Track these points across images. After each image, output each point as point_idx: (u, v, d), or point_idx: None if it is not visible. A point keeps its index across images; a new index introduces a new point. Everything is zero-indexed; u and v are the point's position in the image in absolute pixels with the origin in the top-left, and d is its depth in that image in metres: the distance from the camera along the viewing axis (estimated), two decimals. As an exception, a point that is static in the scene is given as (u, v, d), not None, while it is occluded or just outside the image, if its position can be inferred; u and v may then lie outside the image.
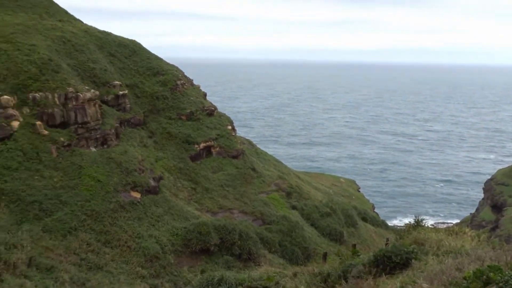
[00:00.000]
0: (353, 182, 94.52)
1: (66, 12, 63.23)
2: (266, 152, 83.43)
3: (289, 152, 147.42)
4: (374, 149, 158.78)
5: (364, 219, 67.23)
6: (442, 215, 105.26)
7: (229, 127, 63.80)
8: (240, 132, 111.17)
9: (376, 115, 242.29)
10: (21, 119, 40.90)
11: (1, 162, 37.27)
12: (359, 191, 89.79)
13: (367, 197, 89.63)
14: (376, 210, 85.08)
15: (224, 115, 67.56)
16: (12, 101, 41.37)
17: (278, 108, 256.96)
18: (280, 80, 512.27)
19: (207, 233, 41.03)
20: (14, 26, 49.43)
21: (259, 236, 46.12)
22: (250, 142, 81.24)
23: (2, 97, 40.81)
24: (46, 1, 60.94)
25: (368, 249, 55.56)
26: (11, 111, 40.78)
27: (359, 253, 14.03)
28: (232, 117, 72.21)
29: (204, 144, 58.29)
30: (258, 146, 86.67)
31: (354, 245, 16.63)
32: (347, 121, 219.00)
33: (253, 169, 60.65)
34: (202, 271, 38.59)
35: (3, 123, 39.60)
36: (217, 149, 59.48)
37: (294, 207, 58.35)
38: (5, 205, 35.04)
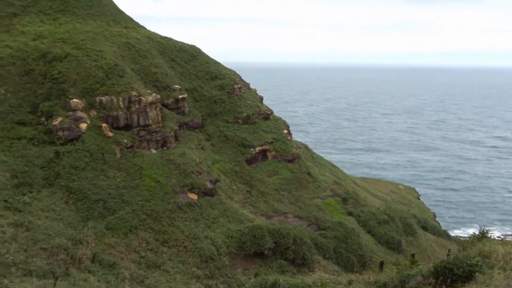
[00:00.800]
0: (413, 189, 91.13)
1: (131, 20, 66.26)
2: (322, 157, 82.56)
3: (346, 157, 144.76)
4: (436, 156, 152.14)
5: (424, 228, 64.59)
6: (510, 227, 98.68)
7: (285, 131, 63.79)
8: (296, 136, 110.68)
9: (438, 121, 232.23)
10: (88, 122, 43.28)
11: (70, 162, 39.61)
12: (419, 199, 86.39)
13: (427, 206, 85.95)
14: (437, 219, 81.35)
15: (280, 119, 67.68)
16: (81, 104, 43.93)
17: (335, 113, 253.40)
18: (338, 84, 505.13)
19: (261, 237, 41.19)
20: (84, 33, 52.48)
21: (313, 241, 45.64)
22: (306, 147, 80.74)
23: (72, 101, 43.45)
24: (113, 9, 64.19)
25: (428, 260, 53.29)
26: (80, 113, 43.30)
27: (418, 263, 13.45)
28: (288, 121, 72.15)
29: (260, 148, 58.67)
30: (314, 150, 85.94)
31: (412, 255, 15.99)
32: (407, 127, 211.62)
33: (309, 174, 60.19)
34: (256, 275, 38.79)
35: (72, 125, 42.11)
36: (273, 153, 59.65)
37: (350, 214, 57.22)
38: (72, 202, 37.18)
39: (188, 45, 68.83)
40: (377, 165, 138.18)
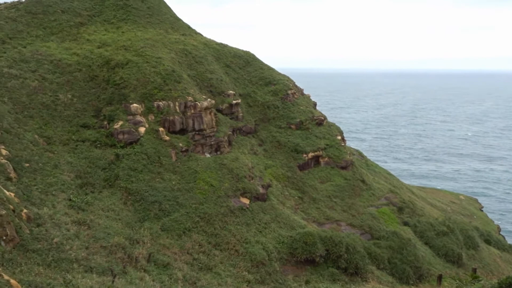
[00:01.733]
0: (475, 200, 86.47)
1: (188, 27, 68.22)
2: (376, 164, 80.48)
3: (402, 165, 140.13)
4: (501, 166, 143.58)
5: (487, 242, 61.05)
6: None
7: (339, 137, 62.86)
8: (350, 142, 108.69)
9: (505, 129, 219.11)
10: (147, 126, 44.96)
11: (129, 164, 41.29)
12: (482, 211, 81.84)
13: (491, 218, 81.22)
14: (502, 233, 76.62)
15: (333, 125, 66.81)
16: (140, 108, 45.75)
17: (392, 119, 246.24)
18: (395, 90, 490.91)
19: (313, 244, 40.74)
20: (145, 41, 54.70)
21: (367, 250, 44.50)
22: (360, 153, 79.10)
23: (132, 105, 45.35)
24: (172, 17, 66.43)
25: (491, 275, 50.34)
26: (139, 118, 45.09)
27: (480, 278, 12.76)
28: (342, 127, 71.11)
29: (313, 154, 58.20)
30: (369, 157, 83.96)
31: (474, 269, 15.19)
32: (469, 135, 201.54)
33: (363, 181, 58.88)
34: (307, 282, 38.41)
35: (132, 129, 43.92)
36: (326, 159, 58.94)
37: (406, 223, 55.29)
38: (130, 203, 38.70)
39: (242, 51, 69.77)
40: (436, 174, 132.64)
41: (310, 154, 57.88)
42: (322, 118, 64.19)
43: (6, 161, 33.73)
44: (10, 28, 51.45)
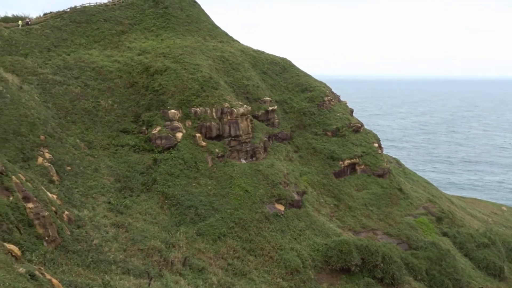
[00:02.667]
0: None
1: (226, 34, 69.04)
2: (414, 173, 78.50)
3: (442, 174, 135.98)
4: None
5: (532, 256, 58.16)
6: None
7: (376, 145, 61.77)
8: (388, 150, 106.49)
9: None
10: (184, 131, 45.68)
11: (166, 169, 42.02)
12: (527, 223, 78.09)
13: (537, 231, 77.36)
14: (548, 247, 72.84)
15: (370, 132, 65.74)
16: (177, 114, 46.57)
17: (431, 127, 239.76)
18: (433, 97, 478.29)
19: (348, 252, 40.08)
20: (183, 48, 55.74)
21: (404, 261, 43.36)
22: (397, 161, 77.42)
23: (170, 111, 46.24)
24: (210, 25, 67.44)
25: (537, 292, 47.87)
26: (176, 123, 45.90)
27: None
28: (379, 134, 69.81)
29: (349, 161, 57.41)
30: (407, 166, 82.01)
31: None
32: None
33: (400, 190, 57.54)
34: (342, 291, 37.78)
35: (169, 134, 44.74)
36: (362, 166, 58.01)
37: (445, 234, 53.54)
38: (167, 207, 39.34)
39: (279, 58, 69.90)
40: (476, 184, 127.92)
41: (346, 162, 57.12)
42: (359, 125, 63.29)
43: (49, 164, 35.09)
44: (56, 36, 53.65)
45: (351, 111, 68.31)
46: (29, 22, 54.15)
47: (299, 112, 61.68)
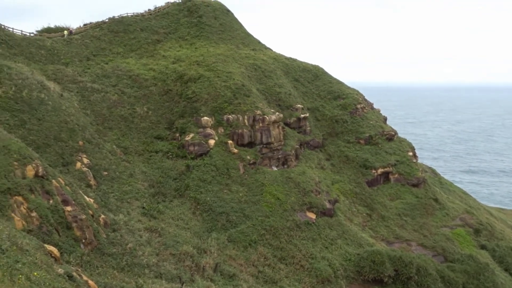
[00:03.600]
0: None
1: (258, 42, 69.58)
2: (451, 183, 76.31)
3: (480, 185, 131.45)
4: None
5: None
6: None
7: (410, 153, 60.49)
8: (422, 159, 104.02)
9: None
10: (216, 138, 46.22)
11: (199, 175, 42.57)
12: None
13: None
14: None
15: (405, 140, 64.47)
16: (210, 122, 47.19)
17: (469, 136, 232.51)
18: (471, 105, 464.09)
19: (381, 263, 39.31)
20: (216, 56, 56.57)
21: (439, 274, 42.11)
22: (433, 171, 75.49)
23: (203, 118, 46.92)
24: (243, 33, 68.17)
25: None
26: (209, 130, 46.51)
27: None
28: (414, 143, 68.37)
29: (382, 170, 56.46)
30: (443, 175, 79.81)
31: None
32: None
33: (436, 200, 56.05)
34: (374, 302, 37.05)
35: (202, 141, 45.36)
36: (396, 175, 56.92)
37: (483, 247, 51.69)
38: (199, 213, 39.80)
39: (311, 65, 69.78)
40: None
41: (380, 170, 56.19)
42: (393, 133, 62.22)
43: (87, 169, 36.23)
44: (95, 46, 55.54)
45: (385, 118, 67.28)
46: (72, 32, 56.49)
47: (331, 120, 61.27)
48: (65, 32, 55.68)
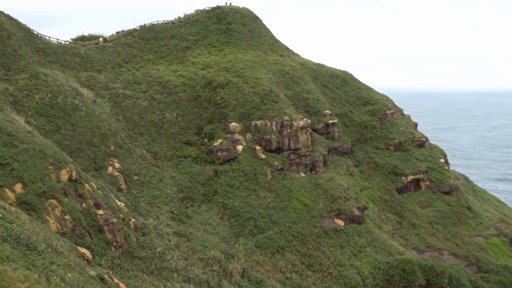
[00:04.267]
0: None
1: (287, 48, 69.64)
2: (485, 191, 74.01)
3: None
4: None
5: None
6: None
7: (442, 160, 59.08)
8: (455, 166, 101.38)
9: None
10: (244, 144, 46.42)
11: (227, 180, 42.81)
12: None
13: None
14: None
15: (436, 147, 63.05)
16: (238, 127, 47.46)
17: (504, 143, 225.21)
18: (502, 111, 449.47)
19: (411, 272, 38.47)
20: (244, 62, 56.95)
21: (473, 284, 40.86)
22: (465, 178, 73.43)
23: (231, 124, 47.23)
24: (271, 39, 68.40)
25: None
26: (237, 136, 46.76)
27: None
28: (446, 149, 66.76)
29: (413, 177, 55.33)
30: (476, 183, 77.54)
31: None
32: None
33: (468, 208, 54.46)
34: (405, 312, 36.25)
35: (230, 147, 45.63)
36: (427, 182, 55.67)
37: (520, 258, 49.81)
38: (227, 218, 39.98)
39: (340, 71, 69.31)
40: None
41: (410, 177, 55.10)
42: (424, 139, 60.96)
43: (118, 173, 37.01)
44: (126, 53, 56.85)
45: (415, 124, 66.04)
46: (107, 39, 58.28)
47: (360, 126, 60.58)
48: (100, 39, 57.53)
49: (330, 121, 56.12)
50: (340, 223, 42.98)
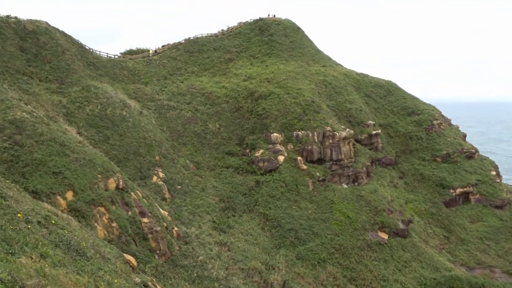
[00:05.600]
0: None
1: (329, 58, 69.34)
2: (541, 205, 69.90)
3: None
4: None
5: None
6: None
7: (493, 173, 56.48)
8: (508, 179, 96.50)
9: None
10: (285, 154, 46.39)
11: (268, 191, 42.88)
12: None
13: None
14: None
15: (487, 158, 60.41)
16: (280, 138, 47.53)
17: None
18: None
19: (460, 290, 36.87)
20: (286, 73, 57.16)
21: (528, 305, 38.61)
22: (519, 192, 69.71)
23: (272, 134, 47.40)
24: (313, 50, 68.35)
25: None
26: (278, 146, 46.83)
27: None
28: (497, 161, 63.82)
29: (461, 190, 53.20)
30: (531, 197, 73.32)
31: None
32: None
33: (523, 224, 51.63)
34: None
35: (271, 157, 45.75)
36: (477, 196, 53.34)
37: None
38: (268, 229, 39.96)
39: (384, 80, 68.11)
40: None
41: (458, 190, 53.01)
42: (473, 150, 58.60)
43: (162, 183, 37.94)
44: (171, 66, 58.54)
45: (464, 135, 63.65)
46: (157, 51, 60.93)
47: (405, 136, 59.10)
48: (150, 51, 60.12)
49: (374, 132, 55.11)
50: (384, 236, 41.91)
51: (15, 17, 44.53)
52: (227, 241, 35.53)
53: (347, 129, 50.68)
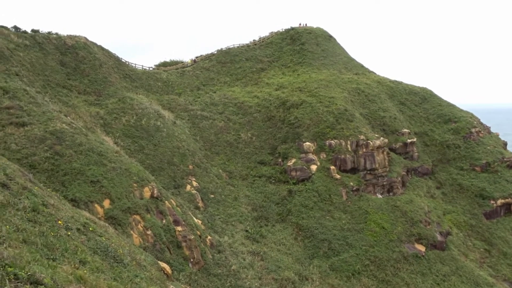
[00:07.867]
0: None
1: (361, 66, 68.58)
2: None
3: None
4: None
5: None
6: None
7: (537, 183, 54.03)
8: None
9: None
10: (318, 163, 45.98)
11: (301, 200, 42.55)
12: None
13: None
14: None
15: (529, 168, 57.86)
16: (312, 147, 47.19)
17: None
18: None
19: (503, 305, 35.26)
20: (318, 82, 56.88)
21: None
22: None
23: (305, 144, 47.12)
24: (345, 58, 67.83)
25: None
26: (311, 156, 46.47)
27: None
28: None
29: (503, 201, 51.11)
30: None
31: None
32: None
33: None
34: None
35: (304, 166, 45.43)
36: (520, 207, 51.10)
37: None
38: (301, 239, 39.57)
39: (419, 87, 66.70)
40: None
41: (500, 201, 50.95)
42: (514, 160, 56.30)
43: (196, 191, 38.31)
44: (204, 76, 59.39)
45: (505, 143, 61.30)
46: (196, 60, 62.42)
47: (442, 145, 57.49)
48: (189, 61, 61.79)
49: (409, 140, 53.90)
50: (421, 248, 40.70)
51: (56, 33, 46.41)
52: (260, 250, 35.41)
53: (381, 138, 49.79)
